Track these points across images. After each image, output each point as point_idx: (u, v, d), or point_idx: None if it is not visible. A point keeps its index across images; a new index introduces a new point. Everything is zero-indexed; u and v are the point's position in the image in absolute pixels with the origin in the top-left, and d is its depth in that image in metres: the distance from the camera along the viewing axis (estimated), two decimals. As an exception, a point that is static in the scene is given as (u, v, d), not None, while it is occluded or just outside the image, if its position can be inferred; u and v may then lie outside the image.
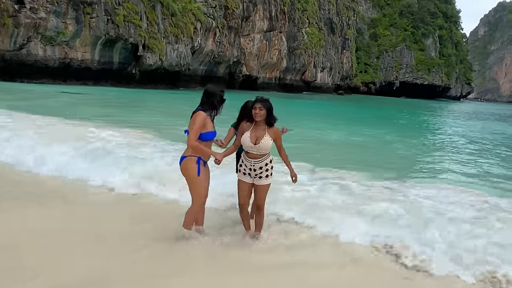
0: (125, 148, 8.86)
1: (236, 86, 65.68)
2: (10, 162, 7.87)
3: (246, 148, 4.82)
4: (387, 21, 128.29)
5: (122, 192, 6.54)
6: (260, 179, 4.87)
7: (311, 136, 15.38)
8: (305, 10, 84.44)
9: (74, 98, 25.62)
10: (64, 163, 7.58)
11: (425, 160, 12.34)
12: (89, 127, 11.34)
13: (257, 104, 4.74)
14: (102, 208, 5.87)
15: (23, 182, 6.80)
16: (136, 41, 44.57)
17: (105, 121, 13.78)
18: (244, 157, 4.90)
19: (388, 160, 11.45)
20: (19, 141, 8.83)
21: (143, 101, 30.10)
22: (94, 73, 42.80)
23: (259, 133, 4.77)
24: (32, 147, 8.43)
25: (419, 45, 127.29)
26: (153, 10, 47.52)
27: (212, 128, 4.80)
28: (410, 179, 8.42)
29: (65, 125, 12.03)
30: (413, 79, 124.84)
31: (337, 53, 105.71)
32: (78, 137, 9.46)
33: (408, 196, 6.61)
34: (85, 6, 39.44)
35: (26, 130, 10.06)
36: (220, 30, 58.62)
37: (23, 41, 36.68)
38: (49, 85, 36.84)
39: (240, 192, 4.97)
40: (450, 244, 4.71)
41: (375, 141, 16.06)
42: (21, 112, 14.11)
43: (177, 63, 51.40)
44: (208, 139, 4.79)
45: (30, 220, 5.16)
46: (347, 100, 68.79)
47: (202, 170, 4.77)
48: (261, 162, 4.84)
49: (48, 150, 8.18)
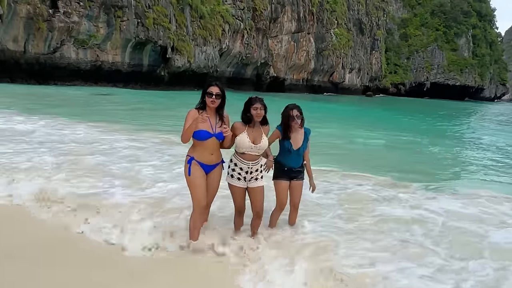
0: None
1: (264, 88, 65.70)
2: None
3: (244, 149, 4.58)
4: (418, 20, 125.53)
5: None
6: (256, 181, 4.68)
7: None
8: (333, 11, 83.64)
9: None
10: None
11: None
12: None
13: (257, 104, 4.56)
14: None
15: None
16: (165, 43, 45.16)
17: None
18: (239, 159, 4.64)
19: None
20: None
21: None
22: (124, 75, 43.62)
23: (256, 133, 4.60)
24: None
25: (451, 45, 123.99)
26: (182, 12, 48.07)
27: (208, 128, 4.43)
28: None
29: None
30: (445, 79, 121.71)
31: (366, 53, 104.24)
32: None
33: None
34: (116, 9, 40.25)
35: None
36: (248, 32, 58.78)
37: (57, 45, 37.75)
38: (83, 87, 37.80)
39: (237, 199, 4.74)
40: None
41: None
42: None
43: (205, 65, 51.81)
44: (201, 139, 4.44)
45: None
46: (381, 103, 67.15)
47: (195, 170, 4.46)
48: (257, 164, 4.68)
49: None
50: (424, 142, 17.35)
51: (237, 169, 4.64)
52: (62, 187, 6.31)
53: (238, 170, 4.63)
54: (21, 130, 11.63)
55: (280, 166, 5.05)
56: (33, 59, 36.36)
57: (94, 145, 10.09)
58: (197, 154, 4.51)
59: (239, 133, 4.57)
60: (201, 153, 4.50)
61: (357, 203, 6.64)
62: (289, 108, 4.92)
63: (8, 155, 8.15)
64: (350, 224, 5.62)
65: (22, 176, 6.77)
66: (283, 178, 5.05)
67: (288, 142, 4.95)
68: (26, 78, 35.70)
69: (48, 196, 5.88)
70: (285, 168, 5.03)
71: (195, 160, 4.49)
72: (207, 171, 4.58)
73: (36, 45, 36.26)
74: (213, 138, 4.47)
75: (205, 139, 4.44)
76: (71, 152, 8.94)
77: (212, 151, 4.52)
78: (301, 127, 4.96)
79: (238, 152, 4.65)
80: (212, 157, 4.55)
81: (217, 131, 4.49)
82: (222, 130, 4.46)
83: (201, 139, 4.44)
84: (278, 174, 5.06)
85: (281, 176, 5.05)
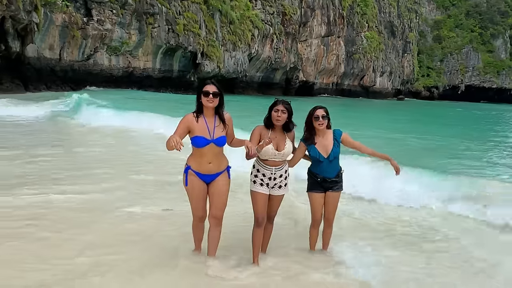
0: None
1: (293, 92, 65.42)
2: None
3: (267, 155, 4.26)
4: (452, 22, 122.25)
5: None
6: (279, 188, 4.37)
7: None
8: (364, 14, 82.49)
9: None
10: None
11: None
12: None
13: (279, 106, 4.20)
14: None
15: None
16: (195, 49, 45.57)
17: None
18: (261, 165, 4.33)
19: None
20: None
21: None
22: (155, 81, 44.27)
23: (279, 138, 4.27)
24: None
25: (487, 46, 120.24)
26: (212, 18, 48.40)
27: (205, 133, 4.04)
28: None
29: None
30: (480, 82, 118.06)
31: (397, 56, 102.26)
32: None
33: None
34: (147, 16, 40.91)
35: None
36: (277, 36, 58.64)
37: (90, 52, 38.67)
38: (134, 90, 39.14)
39: (259, 206, 4.32)
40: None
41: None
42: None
43: (234, 70, 51.98)
44: (197, 146, 4.08)
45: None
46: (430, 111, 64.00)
47: (191, 180, 4.15)
48: (281, 169, 4.36)
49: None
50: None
51: (259, 175, 4.34)
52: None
53: (260, 176, 4.33)
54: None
55: (313, 176, 4.62)
56: (67, 66, 37.35)
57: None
58: (194, 163, 4.16)
59: (262, 138, 4.27)
60: (198, 161, 4.13)
61: (424, 229, 5.83)
62: (314, 108, 4.51)
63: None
64: (412, 261, 4.74)
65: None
66: (317, 189, 4.59)
67: (314, 149, 4.49)
68: (61, 84, 36.69)
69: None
70: (318, 179, 4.58)
71: (191, 169, 4.16)
72: (207, 181, 4.22)
73: (71, 52, 37.24)
74: (211, 144, 4.06)
75: (201, 146, 4.06)
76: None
77: (210, 159, 4.11)
78: (327, 128, 4.53)
79: (261, 158, 4.34)
80: (211, 166, 4.14)
81: (216, 136, 4.08)
82: (246, 146, 3.99)
83: (198, 146, 4.08)
84: (312, 185, 4.62)
85: (314, 188, 4.60)
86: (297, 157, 4.61)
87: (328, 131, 4.55)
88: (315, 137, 4.50)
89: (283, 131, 4.32)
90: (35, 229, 5.05)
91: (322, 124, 4.45)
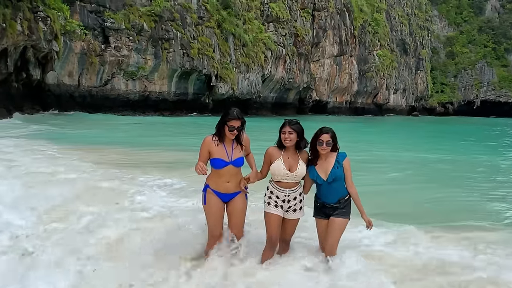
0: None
1: (306, 111, 65.72)
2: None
3: (279, 177, 4.24)
4: (464, 38, 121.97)
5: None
6: (294, 212, 4.31)
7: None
8: (376, 33, 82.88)
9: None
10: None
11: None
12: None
13: (285, 127, 4.18)
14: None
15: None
16: (209, 72, 46.29)
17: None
18: (275, 187, 4.29)
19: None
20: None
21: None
22: (170, 104, 44.98)
23: (291, 159, 4.24)
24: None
25: (502, 61, 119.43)
26: (226, 41, 49.22)
27: (224, 156, 4.19)
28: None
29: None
30: (496, 97, 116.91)
31: (410, 74, 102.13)
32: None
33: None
34: (163, 42, 41.87)
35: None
36: (290, 57, 59.21)
37: (108, 77, 39.62)
38: (150, 116, 39.85)
39: (273, 227, 4.27)
40: None
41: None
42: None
43: (248, 91, 52.52)
44: (217, 167, 4.22)
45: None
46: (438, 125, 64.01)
47: (210, 198, 4.27)
48: (295, 191, 4.30)
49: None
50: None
51: (273, 197, 4.29)
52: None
53: (274, 198, 4.29)
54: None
55: (315, 200, 4.43)
56: (86, 91, 38.28)
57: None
58: (212, 182, 4.31)
59: (274, 159, 4.26)
60: (216, 181, 4.28)
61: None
62: (320, 130, 4.28)
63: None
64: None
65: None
66: (319, 215, 4.38)
67: (313, 171, 4.28)
68: (79, 109, 37.55)
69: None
70: (317, 204, 4.39)
71: (210, 188, 4.30)
72: (225, 200, 4.34)
73: (89, 78, 38.21)
74: (229, 166, 4.22)
75: (220, 168, 4.22)
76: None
77: (228, 178, 4.26)
78: (333, 151, 4.31)
79: (274, 180, 4.33)
80: (228, 185, 4.28)
81: (234, 157, 4.24)
82: (241, 184, 4.29)
83: (217, 168, 4.24)
84: (315, 210, 4.44)
85: (316, 213, 4.41)
86: (307, 182, 4.44)
87: (332, 154, 4.32)
88: (318, 159, 4.30)
89: (296, 151, 4.30)
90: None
91: (325, 150, 4.24)
